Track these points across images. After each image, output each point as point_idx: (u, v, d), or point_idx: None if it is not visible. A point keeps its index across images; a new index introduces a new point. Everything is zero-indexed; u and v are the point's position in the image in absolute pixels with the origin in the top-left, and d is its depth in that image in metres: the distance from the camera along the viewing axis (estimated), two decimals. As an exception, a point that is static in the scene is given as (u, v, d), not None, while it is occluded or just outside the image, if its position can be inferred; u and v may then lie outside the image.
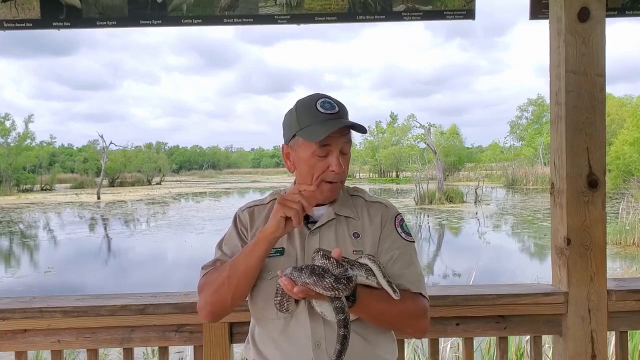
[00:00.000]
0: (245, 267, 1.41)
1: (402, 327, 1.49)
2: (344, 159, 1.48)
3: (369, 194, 1.61)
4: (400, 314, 1.43)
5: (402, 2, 2.29)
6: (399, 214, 1.57)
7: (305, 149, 1.47)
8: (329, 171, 1.45)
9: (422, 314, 1.47)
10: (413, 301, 1.46)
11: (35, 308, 1.98)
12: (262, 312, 1.48)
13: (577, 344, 2.03)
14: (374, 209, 1.55)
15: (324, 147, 1.45)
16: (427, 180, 26.26)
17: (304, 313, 1.43)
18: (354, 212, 1.53)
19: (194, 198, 33.92)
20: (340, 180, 1.49)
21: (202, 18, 2.30)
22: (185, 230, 17.60)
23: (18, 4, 2.27)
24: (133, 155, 54.14)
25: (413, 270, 1.49)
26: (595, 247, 2.01)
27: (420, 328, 1.48)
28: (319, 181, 1.46)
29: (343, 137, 1.46)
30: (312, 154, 1.45)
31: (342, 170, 1.46)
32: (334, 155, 1.45)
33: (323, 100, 1.48)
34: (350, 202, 1.56)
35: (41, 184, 45.94)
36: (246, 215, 1.58)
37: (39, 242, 16.28)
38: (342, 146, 1.46)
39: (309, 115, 1.46)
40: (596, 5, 1.97)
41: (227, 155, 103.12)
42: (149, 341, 2.03)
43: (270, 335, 1.47)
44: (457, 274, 10.17)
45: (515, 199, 27.56)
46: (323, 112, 1.45)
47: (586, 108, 1.99)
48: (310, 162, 1.46)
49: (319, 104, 1.47)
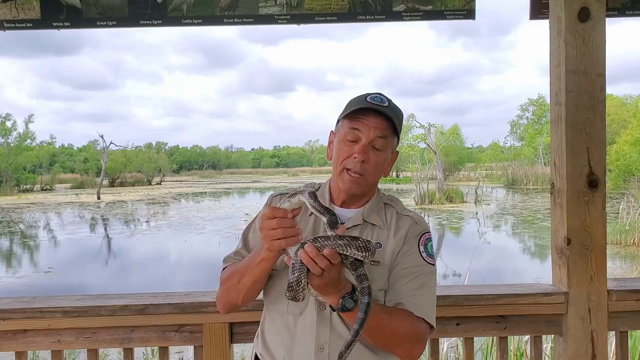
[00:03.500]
0: (252, 279, 1.41)
1: (394, 347, 1.42)
2: (374, 154, 1.42)
3: (402, 206, 1.55)
4: (395, 333, 1.38)
5: (402, 2, 2.29)
6: (428, 232, 1.50)
7: (340, 131, 1.45)
8: (351, 157, 1.41)
9: (417, 340, 1.41)
10: (411, 323, 1.40)
11: (35, 308, 1.98)
12: (274, 304, 1.48)
13: (577, 344, 2.03)
14: (403, 221, 1.50)
15: (353, 131, 1.41)
16: (427, 180, 26.25)
17: (312, 315, 1.41)
18: (383, 222, 1.49)
19: (194, 198, 33.91)
20: (364, 173, 1.42)
21: (202, 18, 2.30)
22: (185, 230, 17.60)
23: (18, 4, 2.27)
24: (133, 156, 54.11)
25: (424, 293, 1.43)
26: (596, 247, 2.01)
27: (412, 353, 1.42)
28: (342, 168, 1.43)
29: (377, 129, 1.41)
30: (344, 137, 1.43)
31: (364, 160, 1.40)
32: (361, 142, 1.41)
33: (375, 94, 1.46)
34: (383, 210, 1.51)
35: (41, 184, 45.93)
36: (277, 201, 1.51)
37: (39, 242, 16.28)
38: (374, 138, 1.41)
39: (355, 101, 1.45)
40: (596, 5, 1.97)
41: (227, 155, 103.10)
42: (149, 341, 2.03)
43: (277, 330, 1.47)
44: (457, 274, 10.16)
45: (516, 199, 27.54)
46: (369, 101, 1.42)
47: (586, 108, 1.98)
48: (339, 146, 1.44)
49: (371, 96, 1.45)
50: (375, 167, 1.43)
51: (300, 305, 1.43)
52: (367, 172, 1.42)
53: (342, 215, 1.47)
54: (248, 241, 1.54)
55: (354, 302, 1.26)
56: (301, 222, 1.43)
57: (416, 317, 1.41)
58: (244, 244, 1.55)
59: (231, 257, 1.55)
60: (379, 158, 1.43)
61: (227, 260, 1.55)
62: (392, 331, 1.38)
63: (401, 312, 1.40)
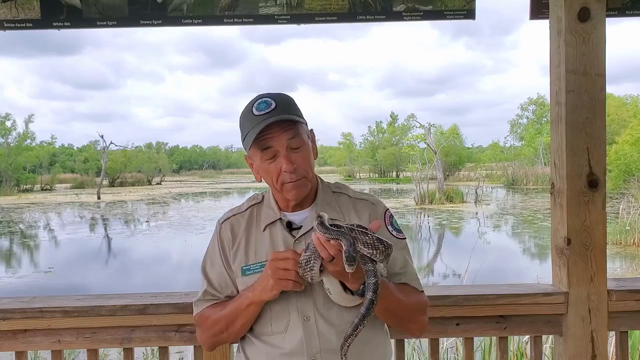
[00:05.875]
0: (242, 322, 1.44)
1: (408, 322, 1.49)
2: (298, 154, 1.40)
3: (352, 190, 1.55)
4: (411, 308, 1.45)
5: (403, 2, 2.29)
6: (387, 209, 1.52)
7: (255, 157, 1.43)
8: (282, 172, 1.39)
9: (424, 310, 1.50)
10: (417, 296, 1.48)
11: (35, 308, 1.98)
12: (256, 328, 1.46)
13: (577, 344, 2.03)
14: (360, 206, 1.50)
15: (267, 150, 1.39)
16: (427, 180, 26.25)
17: (298, 329, 1.40)
18: (339, 213, 1.47)
19: (194, 198, 33.94)
20: (302, 177, 1.41)
21: (203, 18, 2.30)
22: (185, 230, 17.61)
23: (18, 4, 2.27)
24: (133, 155, 54.17)
25: (410, 268, 1.49)
26: (596, 247, 2.01)
27: (422, 324, 1.50)
28: (280, 185, 1.41)
29: (285, 134, 1.38)
30: (262, 159, 1.41)
31: (294, 167, 1.38)
32: (281, 155, 1.38)
33: (260, 101, 1.40)
34: (334, 201, 1.50)
35: (41, 184, 45.96)
36: (227, 230, 1.52)
37: (39, 242, 16.29)
38: (287, 143, 1.38)
39: (246, 121, 1.41)
40: (596, 5, 1.97)
41: (227, 155, 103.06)
42: (149, 341, 2.03)
43: (264, 350, 1.44)
44: (457, 274, 10.16)
45: (516, 199, 27.54)
46: (257, 114, 1.37)
47: (586, 108, 1.98)
48: (264, 168, 1.42)
49: (255, 106, 1.40)
50: (304, 163, 1.42)
51: (283, 322, 1.41)
52: (302, 172, 1.41)
53: (297, 219, 1.47)
54: (210, 278, 1.52)
55: None
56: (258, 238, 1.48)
57: (417, 290, 1.48)
58: (209, 283, 1.52)
59: (201, 299, 1.52)
60: (303, 154, 1.41)
61: (198, 304, 1.52)
62: (409, 307, 1.44)
63: (406, 288, 1.46)
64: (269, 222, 1.48)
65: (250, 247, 1.48)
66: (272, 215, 1.48)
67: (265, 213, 1.50)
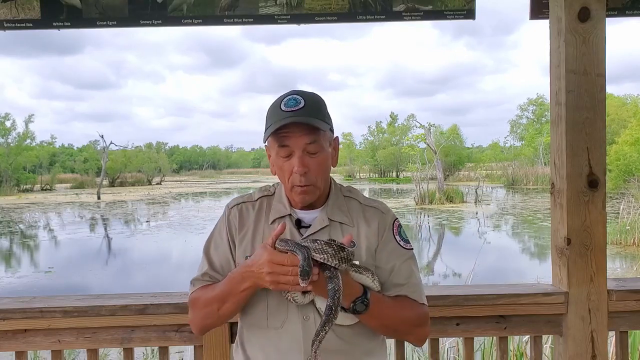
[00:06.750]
0: (234, 306, 1.41)
1: (405, 334, 1.51)
2: (313, 159, 1.39)
3: (363, 196, 1.55)
4: (409, 321, 1.44)
5: (403, 2, 2.29)
6: (396, 219, 1.51)
7: (271, 150, 1.44)
8: (294, 173, 1.39)
9: (425, 322, 1.48)
10: (417, 309, 1.45)
11: (35, 308, 1.98)
12: (252, 319, 1.46)
13: (577, 344, 2.02)
14: (370, 214, 1.49)
15: (284, 148, 1.39)
16: (427, 180, 26.25)
17: (297, 328, 1.40)
18: (349, 218, 1.47)
19: (194, 198, 33.95)
20: (310, 183, 1.40)
21: (203, 18, 2.30)
22: (185, 230, 17.60)
23: (18, 4, 2.27)
24: (133, 155, 54.17)
25: (414, 280, 1.47)
26: (596, 247, 2.01)
27: (422, 336, 1.50)
28: (290, 185, 1.42)
29: (304, 137, 1.37)
30: (277, 154, 1.41)
31: (305, 171, 1.38)
32: (295, 155, 1.38)
33: (289, 97, 1.40)
34: (345, 205, 1.50)
35: (41, 184, 45.96)
36: (236, 214, 1.52)
37: (39, 242, 16.28)
38: (304, 146, 1.38)
39: (272, 114, 1.41)
40: (596, 5, 1.97)
41: (228, 155, 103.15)
42: (149, 341, 2.03)
43: (261, 346, 1.45)
44: (457, 274, 10.16)
45: (516, 199, 27.54)
46: (284, 110, 1.37)
47: (586, 108, 1.98)
48: (277, 163, 1.43)
49: (284, 101, 1.40)
50: (318, 170, 1.41)
51: (279, 318, 1.41)
52: (312, 179, 1.40)
53: (307, 218, 1.47)
54: (212, 259, 1.51)
55: (365, 306, 1.33)
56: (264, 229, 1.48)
57: (417, 303, 1.46)
58: (210, 264, 1.51)
59: (199, 279, 1.51)
60: (319, 160, 1.41)
61: (194, 283, 1.51)
62: (404, 320, 1.44)
63: (405, 301, 1.44)
64: (279, 216, 1.48)
65: (256, 238, 1.47)
66: (283, 210, 1.48)
67: (276, 207, 1.50)
